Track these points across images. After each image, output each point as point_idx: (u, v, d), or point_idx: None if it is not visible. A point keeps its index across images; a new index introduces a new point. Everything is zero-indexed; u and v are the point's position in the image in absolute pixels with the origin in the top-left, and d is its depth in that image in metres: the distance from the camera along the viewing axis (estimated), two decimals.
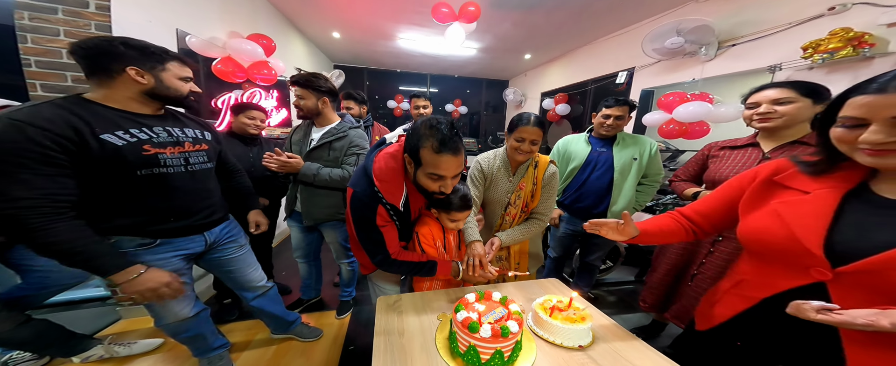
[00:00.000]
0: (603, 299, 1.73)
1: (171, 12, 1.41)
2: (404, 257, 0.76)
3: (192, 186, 0.79)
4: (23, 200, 0.56)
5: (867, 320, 0.36)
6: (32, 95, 1.04)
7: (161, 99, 0.74)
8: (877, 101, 0.38)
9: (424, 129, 0.64)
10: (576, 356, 0.61)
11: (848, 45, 1.20)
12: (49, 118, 0.58)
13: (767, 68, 1.55)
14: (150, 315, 0.87)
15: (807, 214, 0.47)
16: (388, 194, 0.69)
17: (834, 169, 0.48)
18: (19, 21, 0.97)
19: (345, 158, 1.14)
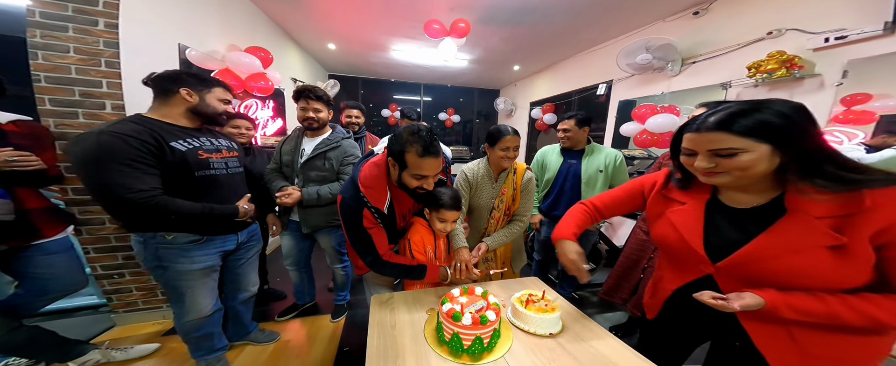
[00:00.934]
0: (586, 299, 1.81)
1: (173, 28, 1.48)
2: (395, 260, 0.83)
3: (231, 188, 0.95)
4: (143, 190, 0.75)
5: (732, 307, 0.49)
6: (40, 108, 1.08)
7: (201, 116, 0.91)
8: (696, 137, 0.51)
9: (407, 135, 0.73)
10: (546, 342, 0.69)
11: (782, 67, 1.38)
12: (136, 131, 0.76)
13: (720, 85, 1.74)
14: (173, 312, 0.94)
15: (688, 222, 0.59)
16: (373, 199, 0.77)
17: (693, 184, 0.61)
18: (31, 38, 1.03)
19: (341, 169, 1.22)
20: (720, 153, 0.48)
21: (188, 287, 0.91)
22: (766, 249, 0.49)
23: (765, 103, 0.46)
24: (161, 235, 0.84)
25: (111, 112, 1.16)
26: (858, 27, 1.21)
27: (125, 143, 0.73)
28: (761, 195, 0.52)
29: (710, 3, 1.80)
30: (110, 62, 1.13)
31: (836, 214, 0.44)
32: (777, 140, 0.45)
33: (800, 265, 0.46)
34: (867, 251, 0.43)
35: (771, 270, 0.49)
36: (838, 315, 0.45)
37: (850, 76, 1.24)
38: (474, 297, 0.75)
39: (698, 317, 0.62)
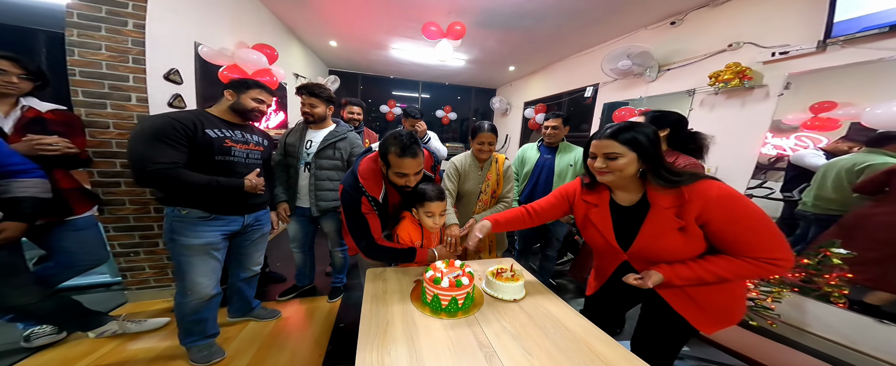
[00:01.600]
0: (564, 287, 1.96)
1: (191, 27, 1.59)
2: (387, 244, 0.96)
3: (245, 174, 1.05)
4: (162, 162, 0.88)
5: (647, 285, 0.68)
6: (74, 99, 1.20)
7: (237, 112, 1.06)
8: (598, 143, 0.72)
9: (390, 139, 0.87)
10: (511, 306, 0.84)
11: (736, 77, 1.53)
12: (184, 116, 0.95)
13: (686, 92, 1.90)
14: (176, 290, 1.01)
15: (602, 221, 0.79)
16: (370, 189, 0.91)
17: (596, 187, 0.81)
18: (69, 37, 1.14)
19: (351, 158, 1.36)
20: (609, 156, 0.69)
21: (189, 263, 0.98)
22: (647, 235, 0.71)
23: (637, 125, 0.70)
24: (178, 210, 0.96)
25: (136, 104, 1.29)
26: (798, 44, 1.37)
27: (170, 124, 0.89)
28: (634, 194, 0.74)
29: (685, 13, 1.94)
30: (137, 59, 1.25)
31: (674, 205, 0.66)
32: (640, 151, 0.68)
33: (667, 244, 0.68)
34: (696, 229, 0.65)
35: (657, 250, 0.70)
36: (700, 276, 0.66)
37: (791, 88, 1.41)
38: (454, 267, 0.90)
39: (628, 290, 0.80)
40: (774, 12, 1.50)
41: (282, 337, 1.31)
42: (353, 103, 1.82)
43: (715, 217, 0.63)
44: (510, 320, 0.77)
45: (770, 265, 0.61)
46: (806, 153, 1.34)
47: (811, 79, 1.35)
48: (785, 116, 1.42)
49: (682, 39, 1.98)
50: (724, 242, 0.64)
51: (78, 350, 1.15)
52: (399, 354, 0.62)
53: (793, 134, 1.40)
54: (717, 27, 1.75)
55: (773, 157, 1.46)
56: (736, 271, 0.63)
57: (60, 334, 1.18)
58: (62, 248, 1.08)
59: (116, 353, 1.15)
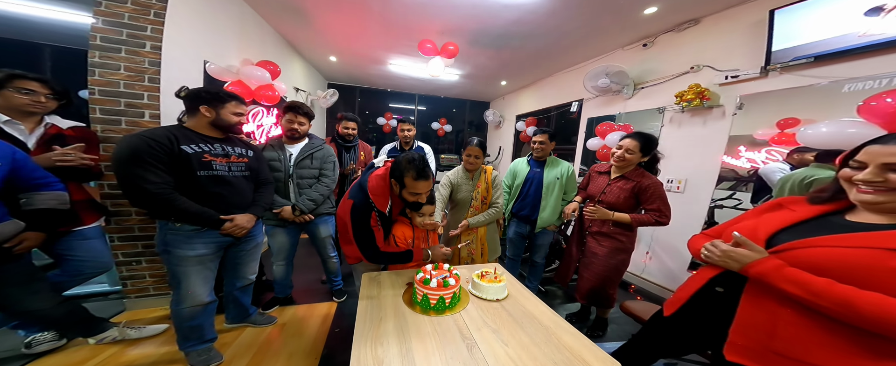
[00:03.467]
0: (553, 292, 2.04)
1: (202, 47, 1.71)
2: (389, 250, 1.06)
3: (232, 188, 1.08)
4: (157, 183, 0.91)
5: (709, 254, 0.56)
6: (91, 116, 1.28)
7: (218, 127, 1.07)
8: (879, 150, 0.49)
9: (405, 164, 0.97)
10: (493, 305, 0.92)
11: (697, 97, 1.71)
12: (158, 134, 0.94)
13: (657, 109, 2.08)
14: (172, 298, 1.05)
15: (776, 220, 0.60)
16: (379, 204, 1.01)
17: (828, 200, 0.59)
18: (91, 59, 1.24)
19: (323, 166, 1.49)
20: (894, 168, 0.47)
21: (184, 273, 1.02)
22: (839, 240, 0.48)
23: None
24: (171, 223, 0.99)
25: (149, 120, 1.37)
26: (746, 69, 1.55)
27: (147, 144, 0.89)
28: (893, 216, 0.50)
29: (655, 36, 2.15)
30: (152, 78, 1.35)
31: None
32: None
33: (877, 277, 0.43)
34: None
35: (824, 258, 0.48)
36: (851, 300, 0.43)
37: (744, 108, 1.58)
38: (442, 270, 0.99)
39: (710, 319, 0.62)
40: (725, 39, 1.69)
41: (278, 342, 1.34)
42: (349, 119, 1.94)
43: None
44: (492, 316, 0.85)
45: None
46: (772, 168, 1.45)
47: (761, 99, 1.52)
48: (753, 131, 1.58)
49: (653, 60, 2.18)
50: None
51: (78, 356, 1.17)
52: (390, 345, 0.69)
53: (764, 148, 1.54)
54: (682, 50, 1.95)
55: (749, 169, 1.59)
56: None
57: (60, 340, 1.20)
58: (71, 256, 1.12)
59: (116, 358, 1.18)
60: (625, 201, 1.29)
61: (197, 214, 0.98)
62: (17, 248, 0.89)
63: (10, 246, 0.87)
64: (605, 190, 1.36)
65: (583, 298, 1.45)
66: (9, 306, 0.95)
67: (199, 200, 1.00)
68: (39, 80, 1.00)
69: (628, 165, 1.29)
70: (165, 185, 0.92)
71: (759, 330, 0.54)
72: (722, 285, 0.62)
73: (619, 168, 1.33)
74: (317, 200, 1.47)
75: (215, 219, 1.03)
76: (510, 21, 2.14)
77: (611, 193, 1.33)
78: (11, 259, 0.89)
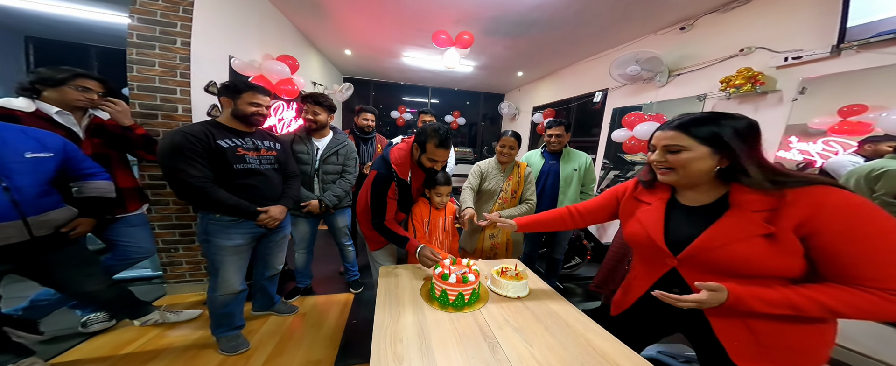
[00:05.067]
0: (572, 290, 1.97)
1: (226, 43, 1.76)
2: (392, 228, 1.07)
3: (264, 180, 1.12)
4: (198, 177, 0.97)
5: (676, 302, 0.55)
6: (132, 112, 1.34)
7: (238, 118, 1.08)
8: (660, 135, 0.62)
9: (430, 130, 1.02)
10: (515, 303, 0.89)
11: (748, 82, 1.52)
12: (196, 130, 1.00)
13: (697, 97, 1.88)
14: (209, 285, 1.11)
15: (651, 219, 0.67)
16: (401, 172, 1.06)
17: (657, 185, 0.70)
18: (129, 56, 1.32)
19: (346, 162, 1.53)
20: (670, 149, 0.59)
21: (222, 262, 1.08)
22: (714, 239, 0.55)
23: (726, 116, 0.56)
24: (212, 214, 1.05)
25: (182, 114, 1.44)
26: (812, 49, 1.35)
27: (186, 139, 0.95)
28: (708, 194, 0.60)
29: (695, 19, 1.93)
30: (184, 73, 1.41)
31: (767, 209, 0.51)
32: (718, 145, 0.55)
33: (743, 252, 0.52)
34: (793, 241, 0.49)
35: (723, 259, 0.54)
36: (793, 302, 0.48)
37: (807, 92, 1.38)
38: (461, 266, 0.96)
39: (666, 314, 0.67)
40: (786, 17, 1.48)
41: (299, 332, 1.40)
42: (367, 111, 1.94)
43: (828, 228, 0.47)
44: (513, 315, 0.81)
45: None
46: (841, 161, 1.24)
47: (828, 83, 1.32)
48: (810, 119, 1.38)
49: (692, 45, 1.97)
50: (840, 265, 0.48)
51: (126, 337, 1.28)
52: (410, 342, 0.68)
53: (820, 139, 1.35)
54: (728, 32, 1.74)
55: (800, 162, 1.41)
56: (858, 306, 0.46)
57: (110, 321, 1.32)
58: (120, 242, 1.21)
59: (157, 340, 1.27)
60: None
61: (235, 205, 1.04)
62: (73, 233, 0.97)
63: (66, 231, 0.95)
64: None
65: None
66: (68, 288, 1.03)
67: (235, 193, 1.05)
68: (99, 80, 1.07)
69: None
70: (205, 178, 0.98)
71: (743, 336, 0.57)
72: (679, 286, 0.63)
73: None
74: (340, 196, 1.51)
75: (252, 210, 1.08)
76: (530, 7, 2.02)
77: None
78: (68, 243, 0.98)
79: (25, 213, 0.84)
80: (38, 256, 0.92)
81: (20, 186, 0.83)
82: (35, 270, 0.95)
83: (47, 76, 0.99)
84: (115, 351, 1.19)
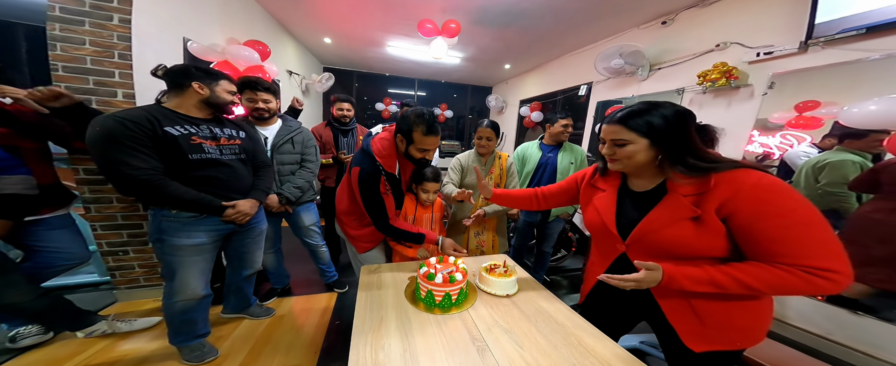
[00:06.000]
0: (558, 283, 2.00)
1: (178, 22, 1.55)
2: (399, 225, 0.99)
3: (229, 172, 1.00)
4: (144, 168, 0.83)
5: (619, 283, 0.59)
6: None
7: (211, 106, 0.98)
8: (605, 129, 0.65)
9: (414, 117, 0.91)
10: (503, 301, 0.85)
11: (722, 77, 1.57)
12: (136, 116, 0.84)
13: (676, 91, 1.93)
14: (164, 291, 0.98)
15: (605, 205, 0.70)
16: (387, 166, 0.95)
17: (610, 172, 0.72)
18: (51, 31, 1.10)
19: (305, 151, 1.39)
20: (617, 142, 0.62)
21: (180, 264, 0.95)
22: (653, 222, 0.60)
23: (656, 106, 0.58)
24: (167, 210, 0.92)
25: (122, 100, 1.25)
26: (782, 44, 1.41)
27: (124, 126, 0.80)
28: (651, 180, 0.65)
29: (676, 13, 1.97)
30: (123, 54, 1.22)
31: (695, 193, 0.56)
32: (653, 136, 0.58)
33: (675, 234, 0.57)
34: (716, 221, 0.53)
35: (660, 242, 0.59)
36: (716, 279, 0.52)
37: (775, 87, 1.45)
38: (448, 264, 0.91)
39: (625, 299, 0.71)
40: (760, 13, 1.53)
41: (276, 335, 1.31)
42: (343, 100, 1.80)
43: (742, 208, 0.50)
44: (502, 314, 0.78)
45: (817, 278, 0.46)
46: (796, 152, 1.34)
47: (794, 78, 1.39)
48: (771, 114, 1.46)
49: (672, 39, 2.01)
50: (755, 243, 0.51)
51: (66, 350, 1.13)
52: (392, 349, 0.63)
53: (778, 132, 1.43)
54: (707, 27, 1.78)
55: (759, 154, 1.50)
56: (769, 282, 0.48)
57: (47, 334, 1.15)
58: (40, 247, 1.04)
59: (105, 353, 1.13)
60: None
61: (194, 200, 0.91)
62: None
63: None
64: None
65: None
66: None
67: (194, 186, 0.92)
68: None
69: None
70: (153, 170, 0.84)
71: (689, 318, 0.61)
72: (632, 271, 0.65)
73: None
74: (303, 186, 1.38)
75: (216, 205, 0.96)
76: None
77: None
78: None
79: None
80: None
81: None
82: None
83: None
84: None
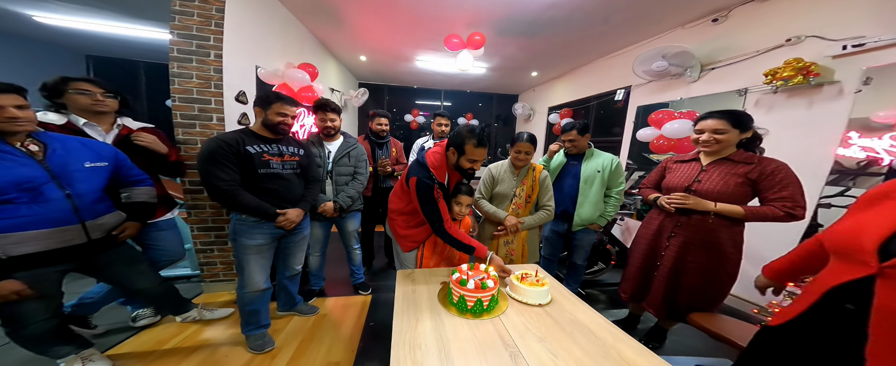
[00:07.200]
0: (595, 297, 1.88)
1: (253, 53, 1.87)
2: (454, 233, 1.07)
3: (285, 185, 1.19)
4: (226, 180, 1.05)
5: None
6: (174, 120, 1.48)
7: (267, 127, 1.15)
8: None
9: (466, 132, 1.03)
10: (536, 310, 0.85)
11: (798, 74, 1.36)
12: (229, 137, 1.08)
13: (736, 91, 1.72)
14: (238, 283, 1.18)
15: (882, 219, 0.49)
16: (439, 176, 1.08)
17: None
18: (172, 69, 1.44)
19: (357, 165, 1.56)
20: None
21: (247, 260, 1.15)
22: None
23: None
24: (239, 215, 1.13)
25: (216, 123, 1.55)
26: (876, 35, 1.19)
27: (219, 146, 1.03)
28: None
29: (729, 10, 1.79)
30: (217, 84, 1.52)
31: None
32: None
33: None
34: None
35: None
36: None
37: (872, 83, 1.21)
38: (479, 271, 0.94)
39: (837, 329, 0.51)
40: (841, 2, 1.32)
41: (320, 333, 1.43)
42: (381, 115, 1.98)
43: None
44: (535, 323, 0.78)
45: None
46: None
47: None
48: (873, 113, 1.22)
49: (727, 36, 1.82)
50: None
51: (168, 332, 1.37)
52: (429, 349, 0.67)
53: (886, 133, 1.19)
54: (770, 22, 1.59)
55: (861, 160, 1.26)
56: None
57: (156, 316, 1.43)
58: (152, 245, 1.27)
59: (195, 336, 1.35)
60: (735, 191, 1.01)
61: (256, 207, 1.10)
62: (121, 235, 1.05)
63: (115, 234, 1.04)
64: (699, 178, 1.09)
65: (657, 310, 1.19)
66: (123, 285, 1.14)
67: (259, 195, 1.11)
68: (88, 80, 1.08)
69: (724, 147, 1.05)
70: (233, 182, 1.05)
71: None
72: (852, 301, 0.50)
73: (712, 153, 1.09)
74: (353, 196, 1.55)
75: (271, 212, 1.14)
76: (544, 6, 1.97)
77: (710, 181, 1.05)
78: (117, 245, 1.07)
79: (84, 218, 0.92)
80: (94, 256, 1.00)
81: (80, 192, 0.91)
82: (93, 269, 1.04)
83: (51, 88, 1.03)
84: (158, 346, 1.28)
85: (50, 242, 0.87)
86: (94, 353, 1.11)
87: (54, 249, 0.88)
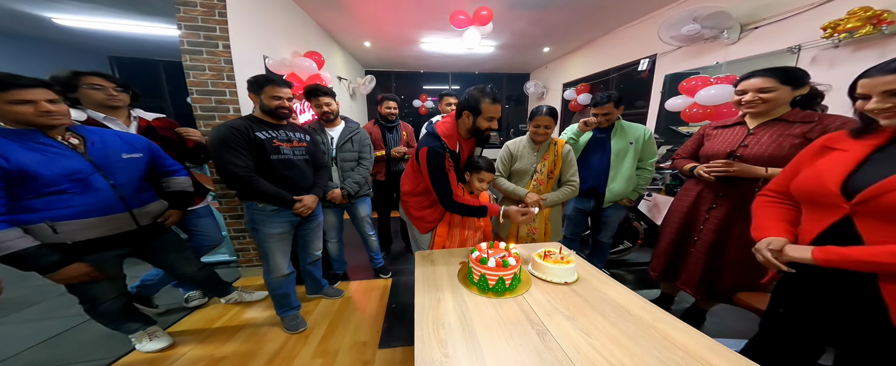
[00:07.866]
0: (621, 277, 1.81)
1: (260, 43, 1.86)
2: (462, 201, 1.06)
3: (297, 171, 1.19)
4: (242, 167, 1.05)
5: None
6: (195, 114, 1.51)
7: (266, 112, 1.12)
8: (870, 82, 0.53)
9: (477, 92, 0.99)
10: (562, 288, 0.82)
11: (867, 24, 1.17)
12: (238, 124, 1.08)
13: (787, 50, 1.51)
14: (263, 269, 1.23)
15: (834, 164, 0.58)
16: (450, 144, 1.05)
17: (871, 131, 0.58)
18: (185, 63, 1.45)
19: (361, 149, 1.52)
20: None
21: (270, 248, 1.17)
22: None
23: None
24: (256, 204, 1.13)
25: (233, 114, 1.57)
26: None
27: (230, 131, 1.03)
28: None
29: None
30: (229, 75, 1.52)
31: None
32: None
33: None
34: None
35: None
36: None
37: None
38: (499, 249, 0.92)
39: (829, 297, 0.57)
40: None
41: (347, 314, 1.49)
42: (389, 99, 1.92)
43: None
44: (562, 301, 0.76)
45: None
46: None
47: None
48: None
49: None
50: None
51: (215, 313, 1.49)
52: (452, 328, 0.66)
53: None
54: None
55: None
56: None
57: (204, 298, 1.55)
58: (196, 231, 1.35)
59: (237, 316, 1.46)
60: (790, 153, 0.82)
61: (274, 195, 1.11)
62: (166, 222, 1.11)
63: (160, 221, 1.09)
64: (746, 142, 0.96)
65: (695, 290, 1.11)
66: (172, 269, 1.21)
67: (273, 182, 1.11)
68: (99, 74, 1.07)
69: (773, 107, 0.92)
70: (248, 168, 1.05)
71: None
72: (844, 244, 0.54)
73: (760, 114, 0.95)
74: (360, 182, 1.54)
75: (289, 200, 1.14)
76: None
77: (759, 145, 0.93)
78: (164, 232, 1.13)
79: (130, 206, 0.97)
80: (146, 242, 1.07)
81: (122, 182, 0.96)
82: (147, 254, 1.12)
83: (64, 83, 1.02)
84: (209, 325, 1.40)
85: (104, 230, 0.93)
86: (158, 330, 1.23)
87: (110, 236, 0.94)
